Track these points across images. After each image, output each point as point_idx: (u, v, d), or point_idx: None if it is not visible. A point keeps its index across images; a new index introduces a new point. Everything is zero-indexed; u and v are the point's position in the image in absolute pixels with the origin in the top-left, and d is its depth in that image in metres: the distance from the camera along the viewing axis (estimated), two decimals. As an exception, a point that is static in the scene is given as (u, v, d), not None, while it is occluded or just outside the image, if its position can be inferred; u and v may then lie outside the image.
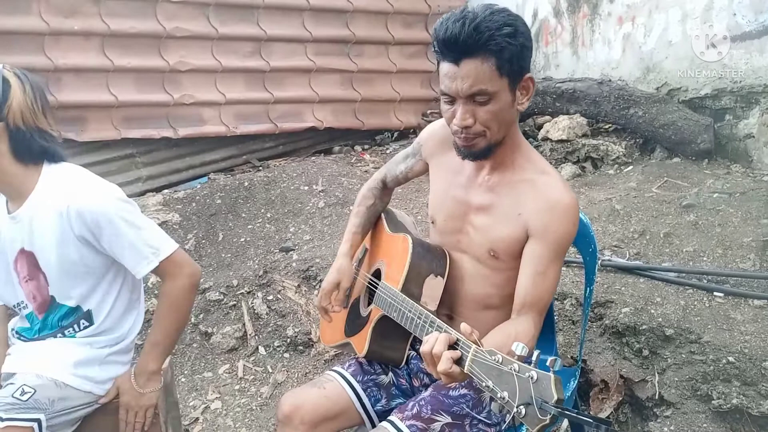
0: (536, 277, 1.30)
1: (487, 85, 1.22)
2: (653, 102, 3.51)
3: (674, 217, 2.77)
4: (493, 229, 1.37)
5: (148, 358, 1.61)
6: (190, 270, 1.59)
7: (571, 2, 4.39)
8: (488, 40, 1.19)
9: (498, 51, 1.20)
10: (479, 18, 1.20)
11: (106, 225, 1.47)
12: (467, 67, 1.22)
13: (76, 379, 1.54)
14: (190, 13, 3.97)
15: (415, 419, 1.34)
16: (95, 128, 3.74)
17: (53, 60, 3.55)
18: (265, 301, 2.88)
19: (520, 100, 1.29)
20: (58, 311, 1.58)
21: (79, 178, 1.54)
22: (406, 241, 1.47)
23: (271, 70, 4.26)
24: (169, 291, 1.58)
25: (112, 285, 1.60)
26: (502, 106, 1.26)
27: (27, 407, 1.44)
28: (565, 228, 1.29)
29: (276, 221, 3.41)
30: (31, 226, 1.50)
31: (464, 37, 1.20)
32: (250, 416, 2.47)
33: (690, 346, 2.03)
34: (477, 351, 1.04)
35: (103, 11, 3.70)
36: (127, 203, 1.54)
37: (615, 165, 3.62)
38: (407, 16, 4.74)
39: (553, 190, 1.30)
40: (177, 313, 1.61)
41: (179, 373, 2.71)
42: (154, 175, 4.02)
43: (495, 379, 0.98)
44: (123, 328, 1.65)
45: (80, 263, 1.52)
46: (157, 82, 3.91)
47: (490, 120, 1.27)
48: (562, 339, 2.32)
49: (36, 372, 1.52)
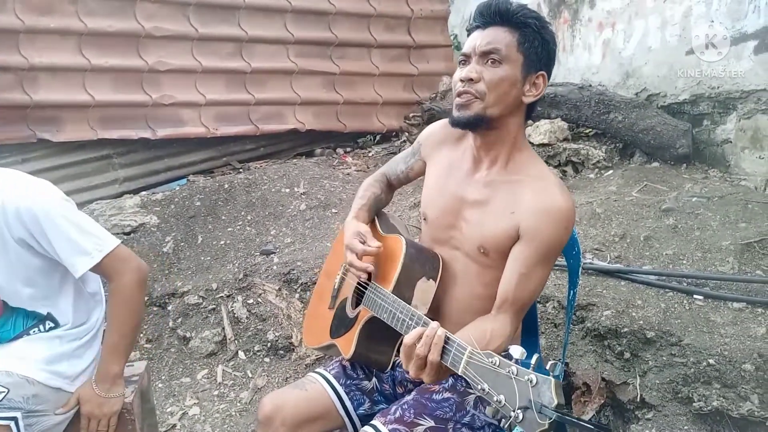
0: (520, 278, 1.29)
1: (502, 47, 1.29)
2: (633, 107, 3.55)
3: (654, 220, 2.79)
4: (485, 225, 1.36)
5: (108, 362, 1.56)
6: (136, 264, 1.55)
7: (552, 8, 4.43)
8: (517, 12, 1.29)
9: (523, 25, 1.29)
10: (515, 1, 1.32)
11: (44, 222, 1.42)
12: (492, 31, 1.31)
13: (46, 375, 1.51)
14: (170, 12, 3.93)
15: (397, 423, 1.32)
16: (71, 128, 3.67)
17: (28, 58, 3.48)
18: (246, 304, 2.84)
19: (527, 91, 1.32)
20: (14, 315, 1.54)
21: (13, 177, 1.49)
22: (399, 242, 1.44)
23: (252, 72, 4.22)
24: (118, 289, 1.53)
25: (63, 284, 1.55)
26: (509, 77, 1.29)
27: (2, 407, 1.42)
28: (557, 233, 1.29)
29: (257, 224, 3.37)
30: None
31: (498, 4, 1.30)
32: (229, 422, 2.42)
33: (671, 348, 2.04)
34: (473, 353, 1.02)
35: (80, 9, 3.63)
36: (65, 200, 1.51)
37: (595, 169, 3.65)
38: (390, 19, 4.74)
39: (550, 194, 1.29)
40: (130, 311, 1.56)
41: (156, 378, 2.65)
42: (131, 177, 3.96)
43: (491, 383, 0.96)
44: (90, 321, 1.63)
45: (22, 266, 1.48)
46: (135, 82, 3.85)
47: (492, 85, 1.29)
48: (544, 342, 2.32)
49: (6, 370, 1.48)
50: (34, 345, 1.54)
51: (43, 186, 1.50)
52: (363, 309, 1.46)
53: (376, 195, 1.67)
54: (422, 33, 4.87)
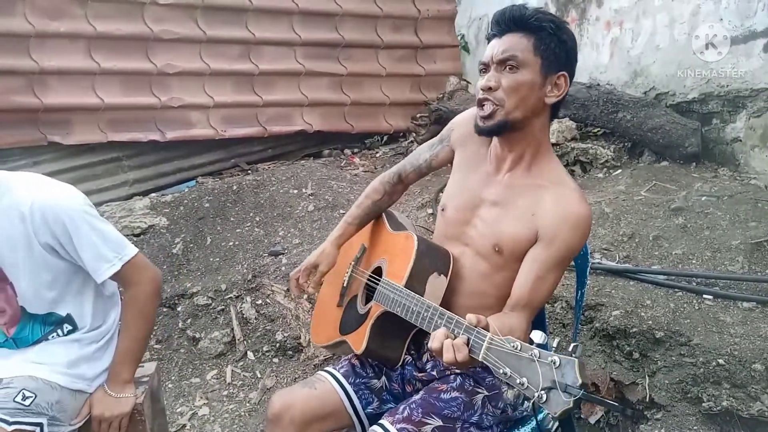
0: (536, 281, 1.31)
1: (518, 52, 1.31)
2: (641, 106, 3.53)
3: (663, 220, 2.78)
4: (502, 224, 1.38)
5: (120, 368, 1.59)
6: (152, 274, 1.59)
7: (559, 7, 4.41)
8: (532, 17, 1.30)
9: (538, 29, 1.30)
10: (531, 6, 1.34)
11: (70, 228, 1.44)
12: (508, 38, 1.33)
13: (67, 378, 1.53)
14: (178, 15, 3.95)
15: (405, 422, 1.33)
16: (81, 131, 3.70)
17: (38, 62, 3.52)
18: (254, 305, 2.86)
19: (548, 92, 1.33)
20: (32, 321, 1.55)
21: (40, 182, 1.51)
22: (411, 237, 1.46)
23: (260, 74, 4.24)
24: (135, 297, 1.57)
25: (84, 286, 1.58)
26: (528, 82, 1.31)
27: (30, 411, 1.44)
28: (574, 239, 1.31)
29: (265, 225, 3.38)
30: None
31: (512, 11, 1.33)
32: (238, 422, 2.44)
33: (680, 348, 2.03)
34: (493, 339, 1.04)
35: (89, 13, 3.66)
36: (89, 206, 1.52)
37: (604, 168, 3.64)
38: (396, 20, 4.74)
39: (570, 201, 1.32)
40: (144, 319, 1.60)
41: (166, 378, 2.67)
42: (141, 179, 3.99)
43: (512, 366, 0.98)
44: (107, 323, 1.65)
45: (47, 269, 1.49)
46: (144, 85, 3.88)
47: (511, 91, 1.31)
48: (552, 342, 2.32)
49: (30, 375, 1.50)
50: (54, 349, 1.56)
51: (69, 191, 1.51)
52: (375, 304, 1.47)
53: (377, 201, 1.69)
54: (429, 33, 4.87)
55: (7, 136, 3.48)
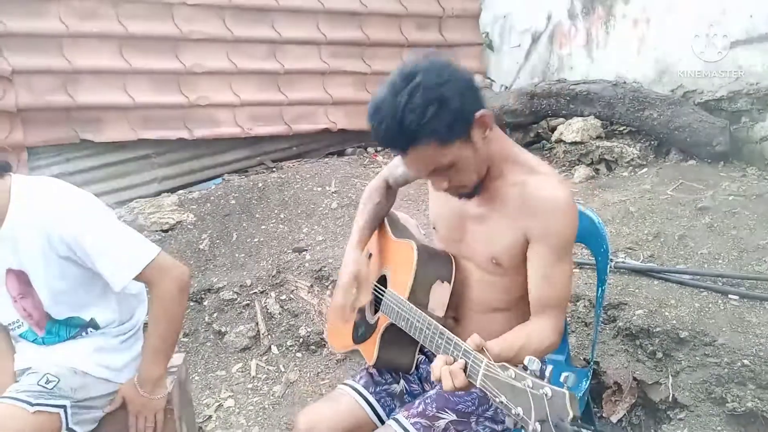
0: (546, 280, 1.28)
1: (439, 160, 1.22)
2: (668, 104, 3.49)
3: (689, 219, 2.75)
4: (493, 238, 1.35)
5: (151, 365, 1.60)
6: (177, 272, 1.57)
7: (585, 4, 4.38)
8: (417, 133, 1.17)
9: (433, 133, 1.17)
10: (400, 110, 1.15)
11: (85, 242, 1.46)
12: (414, 155, 1.22)
13: (94, 366, 1.58)
14: (206, 15, 4.02)
15: (419, 417, 1.34)
16: (112, 129, 3.79)
17: (71, 62, 3.61)
18: (278, 300, 2.90)
19: (480, 138, 1.24)
20: (57, 325, 1.59)
21: (54, 193, 1.52)
22: (411, 247, 1.44)
23: (285, 73, 4.29)
24: (160, 296, 1.56)
25: (107, 289, 1.59)
26: (466, 160, 1.24)
27: (53, 395, 1.48)
28: (564, 226, 1.26)
29: (289, 222, 3.43)
30: (15, 245, 1.48)
31: (394, 140, 1.20)
32: (262, 415, 2.48)
33: (704, 348, 2.01)
34: (489, 366, 1.02)
35: (120, 14, 3.75)
36: (105, 214, 1.54)
37: (629, 167, 3.60)
38: (421, 18, 4.75)
39: (544, 190, 1.26)
40: (171, 318, 1.59)
41: (193, 371, 2.73)
42: (169, 176, 4.07)
43: (508, 395, 0.96)
44: (133, 319, 1.69)
45: (67, 279, 1.53)
46: (173, 84, 3.96)
47: (463, 176, 1.27)
48: (574, 341, 2.31)
49: (55, 362, 1.55)
50: (81, 341, 1.61)
51: (84, 201, 1.52)
52: (382, 316, 1.48)
53: (376, 205, 1.65)
54: (453, 31, 4.87)
55: (41, 134, 3.58)
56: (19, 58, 3.46)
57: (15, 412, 1.42)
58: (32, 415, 1.43)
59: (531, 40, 4.96)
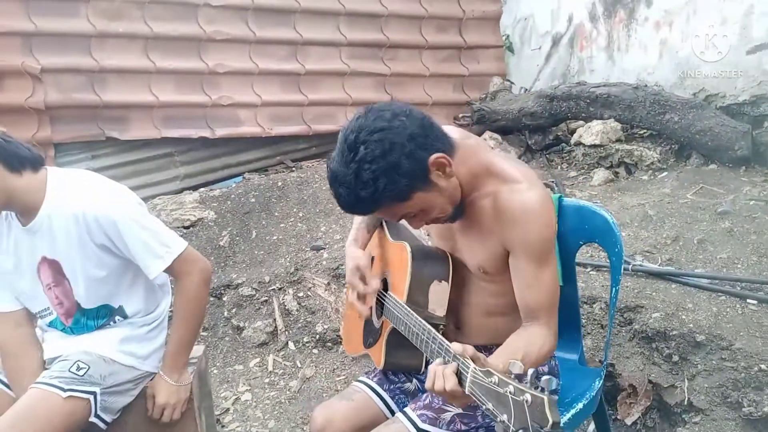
0: (530, 289, 1.28)
1: (404, 211, 1.26)
2: (690, 108, 3.47)
3: (709, 223, 2.73)
4: (475, 248, 1.37)
5: (175, 354, 1.67)
6: (202, 265, 1.66)
7: (607, 7, 4.36)
8: (376, 203, 1.21)
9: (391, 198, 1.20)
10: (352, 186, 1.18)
11: (122, 229, 1.52)
12: (380, 213, 1.28)
13: (121, 354, 1.63)
14: (230, 16, 4.08)
15: (426, 409, 1.36)
16: (137, 127, 3.86)
17: (99, 61, 3.70)
18: (296, 297, 2.94)
19: (441, 180, 1.24)
20: (87, 315, 1.64)
21: (91, 183, 1.59)
22: (405, 249, 1.44)
23: (306, 73, 4.33)
24: (186, 288, 1.63)
25: (136, 278, 1.66)
26: (433, 201, 1.26)
27: (84, 381, 1.53)
28: (538, 233, 1.25)
29: (308, 220, 3.47)
30: (51, 234, 1.53)
31: (356, 210, 1.27)
32: (278, 409, 2.52)
33: (721, 352, 2.00)
34: (475, 372, 1.01)
35: (146, 15, 3.83)
36: (139, 205, 1.60)
37: (649, 171, 3.59)
38: (441, 20, 4.77)
39: (515, 197, 1.25)
40: (195, 308, 1.67)
41: (212, 365, 2.78)
42: (191, 174, 4.13)
43: (494, 402, 0.95)
44: (158, 309, 1.74)
45: (101, 267, 1.58)
46: (196, 83, 4.03)
47: (435, 213, 1.29)
48: (590, 343, 2.31)
49: (84, 350, 1.60)
50: (108, 331, 1.66)
51: (121, 192, 1.59)
52: (385, 320, 1.49)
53: None
54: (474, 33, 4.87)
55: (68, 131, 3.66)
56: (49, 57, 3.55)
57: (48, 397, 1.47)
58: (64, 401, 1.48)
59: (552, 42, 4.95)
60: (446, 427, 1.36)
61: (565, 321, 1.54)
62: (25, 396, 1.49)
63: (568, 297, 1.60)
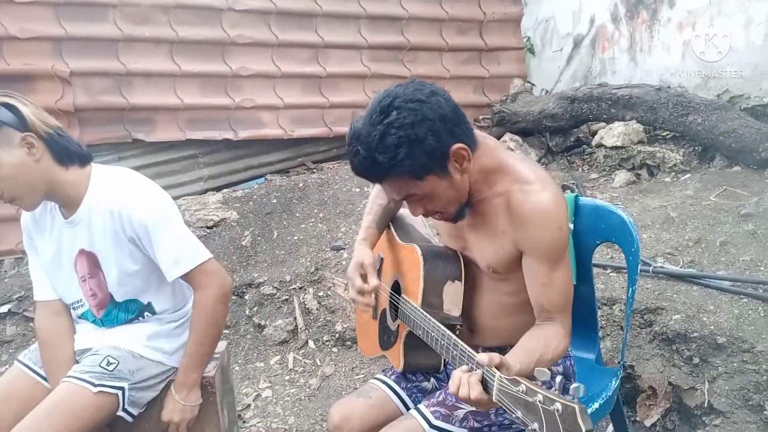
0: (543, 289, 1.28)
1: (412, 190, 1.25)
2: (713, 109, 3.43)
3: (732, 225, 2.70)
4: (485, 248, 1.36)
5: (186, 371, 1.66)
6: (221, 281, 1.64)
7: (629, 8, 4.33)
8: (390, 170, 1.20)
9: (405, 171, 1.20)
10: (372, 148, 1.18)
11: (151, 231, 1.56)
12: (389, 184, 1.26)
13: (149, 350, 1.67)
14: (253, 20, 4.15)
15: (439, 406, 1.37)
16: (162, 129, 3.95)
17: (126, 65, 3.79)
18: (316, 296, 2.98)
19: (457, 170, 1.25)
20: (118, 307, 1.69)
21: (130, 181, 1.64)
22: (415, 252, 1.44)
23: (327, 76, 4.38)
24: (201, 301, 1.63)
25: (164, 277, 1.67)
26: (441, 191, 1.26)
27: (113, 376, 1.58)
28: (551, 234, 1.24)
29: (328, 221, 3.51)
30: (89, 227, 1.59)
31: (368, 173, 1.24)
32: (298, 405, 2.56)
33: (742, 355, 1.99)
34: (501, 381, 1.02)
35: (172, 19, 3.92)
36: (172, 208, 1.64)
37: (672, 173, 3.55)
38: (462, 23, 4.78)
39: (529, 198, 1.24)
40: (209, 323, 1.64)
41: (233, 362, 2.83)
42: (215, 175, 4.20)
43: (523, 410, 0.95)
44: (186, 307, 1.78)
45: (134, 261, 1.62)
46: (220, 86, 4.10)
47: (437, 204, 1.29)
48: (610, 344, 2.31)
49: (114, 345, 1.65)
50: (137, 326, 1.71)
51: (157, 194, 1.63)
52: (401, 323, 1.48)
53: (383, 205, 1.64)
54: (494, 36, 4.88)
55: (96, 133, 3.76)
56: (78, 60, 3.66)
57: (79, 391, 1.53)
58: (94, 395, 1.53)
59: (573, 44, 4.93)
60: (459, 424, 1.37)
61: (581, 320, 1.55)
62: (57, 389, 1.55)
63: (583, 296, 1.60)
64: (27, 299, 3.05)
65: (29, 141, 1.48)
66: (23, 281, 3.21)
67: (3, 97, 1.49)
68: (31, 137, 1.48)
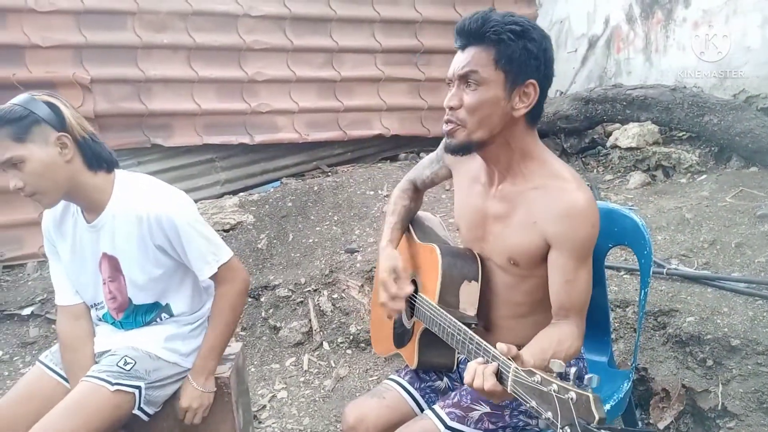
0: (566, 285, 1.30)
1: (479, 68, 1.26)
2: (729, 109, 3.40)
3: (748, 227, 2.68)
4: (510, 238, 1.36)
5: (205, 359, 1.73)
6: (244, 275, 1.75)
7: (644, 8, 4.31)
8: (489, 29, 1.24)
9: (497, 42, 1.24)
10: (494, 15, 1.26)
11: (182, 233, 1.61)
12: (469, 53, 1.28)
13: (165, 351, 1.71)
14: (268, 26, 4.21)
15: (454, 407, 1.39)
16: (180, 134, 4.02)
17: (144, 71, 3.86)
18: (331, 299, 3.01)
19: (516, 104, 1.27)
20: (137, 310, 1.73)
21: (155, 186, 1.69)
22: (435, 251, 1.46)
23: (341, 80, 4.42)
24: (226, 294, 1.71)
25: (184, 279, 1.75)
26: (488, 99, 1.26)
27: (130, 376, 1.63)
28: (585, 232, 1.27)
29: (342, 224, 3.54)
30: (113, 232, 1.63)
31: (470, 24, 1.27)
32: (313, 407, 2.59)
33: (757, 357, 1.97)
34: (516, 372, 1.04)
35: (189, 26, 3.98)
36: (196, 212, 1.69)
37: (687, 173, 3.53)
38: (476, 25, 4.77)
39: (566, 195, 1.27)
40: (232, 315, 1.74)
41: (249, 363, 2.87)
42: (231, 179, 4.27)
43: (537, 400, 0.98)
44: (202, 310, 1.82)
45: (158, 266, 1.67)
46: (236, 91, 4.16)
47: (473, 110, 1.27)
48: (623, 346, 2.31)
49: (132, 345, 1.69)
50: (155, 328, 1.76)
51: (181, 199, 1.68)
52: (417, 321, 1.51)
53: (406, 206, 1.68)
54: (508, 38, 4.86)
55: (115, 138, 3.83)
56: (98, 68, 3.74)
57: (97, 390, 1.57)
58: (112, 394, 1.58)
59: (588, 44, 4.91)
60: (474, 426, 1.38)
61: (594, 323, 1.56)
62: (76, 389, 1.60)
63: (596, 299, 1.59)
64: (49, 302, 3.13)
65: (63, 141, 1.53)
66: (46, 284, 3.29)
67: (48, 96, 1.56)
68: (65, 137, 1.53)
